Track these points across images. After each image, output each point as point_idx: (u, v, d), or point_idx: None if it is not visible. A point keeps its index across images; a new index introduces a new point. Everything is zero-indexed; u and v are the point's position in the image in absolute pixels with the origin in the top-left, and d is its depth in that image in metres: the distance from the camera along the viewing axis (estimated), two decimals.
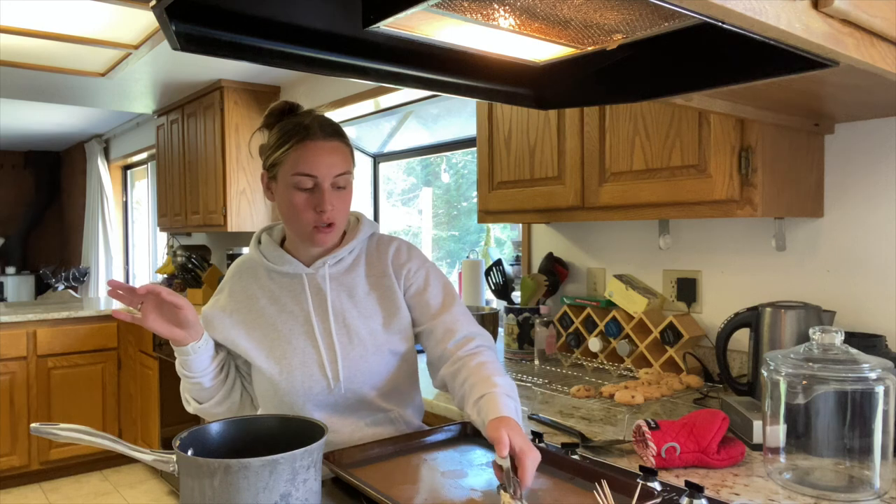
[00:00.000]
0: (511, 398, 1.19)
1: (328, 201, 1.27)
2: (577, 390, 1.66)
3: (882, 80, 1.08)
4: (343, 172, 1.29)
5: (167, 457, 0.95)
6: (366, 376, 1.33)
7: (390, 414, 1.38)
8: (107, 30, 3.13)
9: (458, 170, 3.57)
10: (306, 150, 1.26)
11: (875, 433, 1.11)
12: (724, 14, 0.73)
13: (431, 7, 0.87)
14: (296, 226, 1.31)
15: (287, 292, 1.37)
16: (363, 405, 1.35)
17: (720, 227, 1.97)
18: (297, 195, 1.28)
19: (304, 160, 1.26)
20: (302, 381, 1.30)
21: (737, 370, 1.85)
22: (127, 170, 6.94)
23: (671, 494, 1.06)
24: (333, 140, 1.29)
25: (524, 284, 2.31)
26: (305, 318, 1.34)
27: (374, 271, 1.39)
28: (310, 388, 1.30)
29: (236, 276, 1.43)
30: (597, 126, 1.83)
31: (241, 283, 1.41)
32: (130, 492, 3.90)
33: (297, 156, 1.26)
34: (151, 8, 0.83)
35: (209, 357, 1.32)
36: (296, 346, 1.32)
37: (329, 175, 1.27)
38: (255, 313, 1.36)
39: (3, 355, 3.86)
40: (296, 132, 1.27)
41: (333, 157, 1.28)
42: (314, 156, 1.26)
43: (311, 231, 1.29)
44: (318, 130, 1.27)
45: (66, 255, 8.19)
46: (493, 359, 1.30)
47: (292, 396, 1.31)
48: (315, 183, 1.27)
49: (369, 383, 1.34)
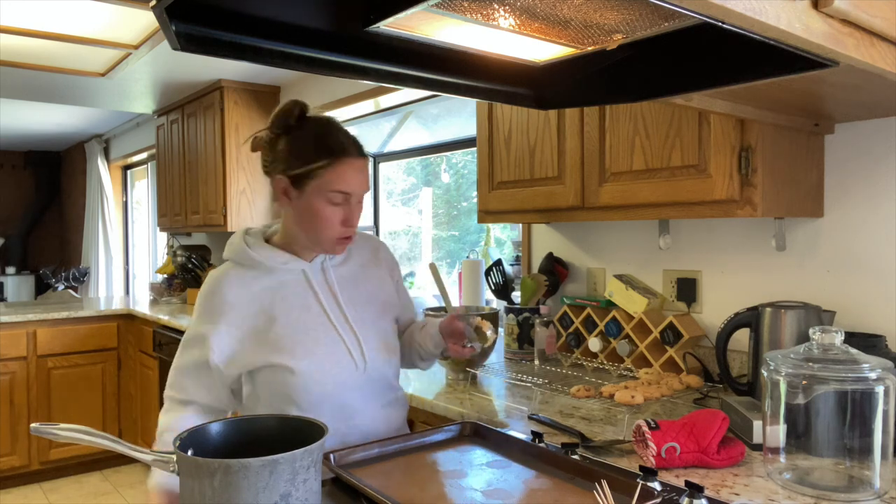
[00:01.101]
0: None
1: (355, 216, 1.37)
2: (577, 390, 1.66)
3: (882, 80, 1.08)
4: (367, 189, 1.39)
5: (167, 457, 0.95)
6: (385, 354, 1.45)
7: (398, 393, 1.50)
8: (107, 30, 3.13)
9: (458, 170, 3.57)
10: (346, 169, 1.33)
11: (875, 433, 1.11)
12: (724, 14, 0.73)
13: (431, 7, 0.87)
14: (317, 235, 1.37)
15: (290, 290, 1.39)
16: (383, 384, 1.45)
17: (720, 227, 1.97)
18: (328, 209, 1.34)
19: (343, 178, 1.32)
20: (331, 369, 1.37)
21: (737, 370, 1.85)
22: (127, 170, 6.94)
23: (671, 494, 1.06)
24: (364, 159, 1.37)
25: (524, 284, 2.31)
26: (319, 309, 1.40)
27: (362, 261, 1.52)
28: (338, 374, 1.37)
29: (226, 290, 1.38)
30: (597, 126, 1.83)
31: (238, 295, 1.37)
32: (130, 492, 3.90)
33: (336, 173, 1.32)
34: (151, 8, 0.83)
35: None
36: (317, 337, 1.38)
37: (361, 193, 1.36)
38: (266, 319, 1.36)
39: (3, 355, 3.86)
40: (333, 150, 1.33)
41: (364, 176, 1.37)
42: (352, 175, 1.33)
43: (334, 241, 1.37)
44: (352, 149, 1.35)
45: (66, 255, 8.19)
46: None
47: (323, 386, 1.36)
48: (346, 199, 1.35)
49: (388, 361, 1.46)
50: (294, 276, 1.41)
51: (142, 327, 4.14)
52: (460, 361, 1.97)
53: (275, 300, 1.38)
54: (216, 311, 1.37)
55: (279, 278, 1.40)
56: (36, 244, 8.37)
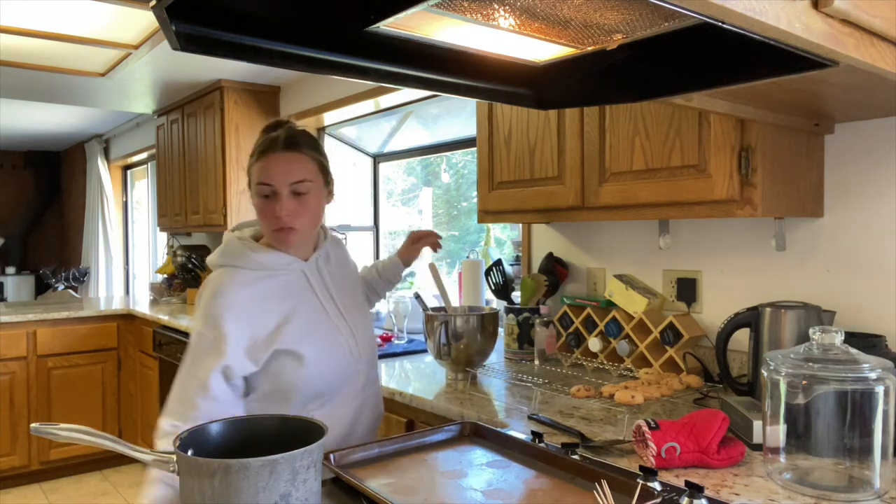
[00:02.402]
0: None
1: (283, 207, 1.40)
2: (577, 390, 1.65)
3: (882, 80, 1.08)
4: (300, 180, 1.41)
5: (167, 457, 0.95)
6: (372, 348, 1.59)
7: (377, 388, 1.62)
8: (107, 30, 3.13)
9: (458, 170, 3.57)
10: (267, 162, 1.41)
11: (875, 433, 1.11)
12: (724, 14, 0.73)
13: (431, 7, 0.87)
14: (264, 229, 1.47)
15: (288, 288, 1.46)
16: (370, 371, 1.57)
17: (720, 227, 1.97)
18: (260, 202, 1.43)
19: (264, 171, 1.41)
20: (333, 356, 1.47)
21: (737, 370, 1.85)
22: (127, 170, 6.94)
23: (671, 494, 1.06)
24: (292, 151, 1.42)
25: (524, 284, 2.31)
26: (319, 305, 1.49)
27: (339, 260, 1.62)
28: (339, 361, 1.47)
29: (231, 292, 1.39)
30: (597, 126, 1.83)
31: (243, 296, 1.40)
32: (130, 492, 3.90)
33: (259, 167, 1.42)
34: (151, 8, 0.83)
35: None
36: (323, 332, 1.47)
37: (284, 183, 1.40)
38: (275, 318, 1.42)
39: (3, 355, 3.86)
40: (262, 146, 1.43)
41: (290, 166, 1.41)
42: (274, 167, 1.41)
43: (273, 233, 1.44)
44: (281, 143, 1.42)
45: (66, 255, 8.19)
46: None
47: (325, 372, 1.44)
48: (273, 191, 1.40)
49: (373, 356, 1.59)
50: (294, 276, 1.48)
51: (142, 327, 4.14)
52: (460, 361, 1.98)
53: (281, 299, 1.44)
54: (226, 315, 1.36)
55: (282, 279, 1.46)
56: (36, 244, 8.37)
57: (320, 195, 1.47)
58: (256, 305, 1.40)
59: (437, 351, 1.98)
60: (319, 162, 1.47)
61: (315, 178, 1.45)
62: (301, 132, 1.47)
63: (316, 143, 1.49)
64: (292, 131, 1.45)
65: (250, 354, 1.38)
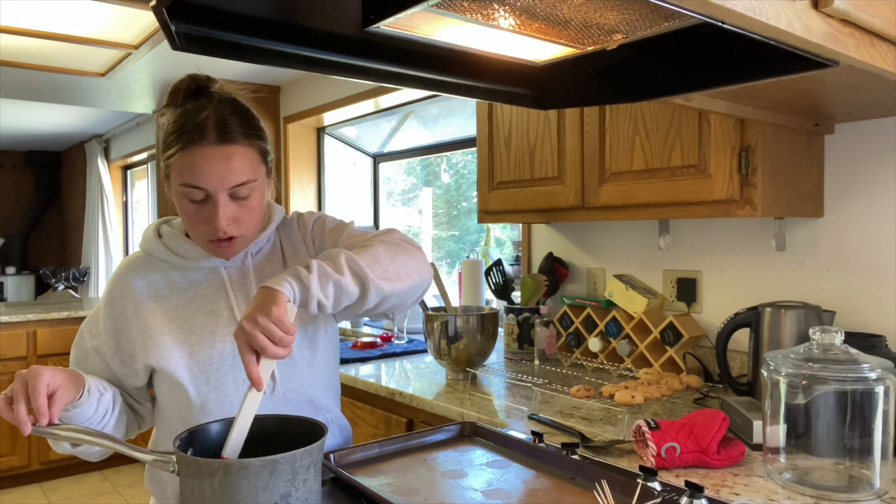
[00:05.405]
0: (310, 269, 1.03)
1: (222, 216, 1.09)
2: (577, 390, 1.65)
3: (882, 80, 1.08)
4: (241, 183, 1.10)
5: (167, 457, 0.95)
6: (303, 371, 1.22)
7: (328, 416, 1.28)
8: (107, 30, 3.13)
9: (458, 170, 3.57)
10: (194, 158, 1.07)
11: (875, 433, 1.11)
12: (724, 14, 0.73)
13: (431, 7, 0.87)
14: (195, 237, 1.17)
15: (200, 290, 1.20)
16: (305, 406, 1.23)
17: (720, 227, 1.97)
18: (187, 206, 1.11)
19: (191, 169, 1.07)
20: (235, 388, 1.16)
21: (737, 370, 1.85)
22: (127, 170, 6.94)
23: (671, 494, 1.06)
24: (229, 145, 1.09)
25: (524, 284, 2.31)
26: (229, 316, 1.19)
27: (290, 253, 1.27)
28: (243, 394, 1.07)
29: (130, 273, 1.21)
30: (597, 126, 1.83)
31: (140, 281, 1.20)
32: (130, 492, 3.90)
33: (184, 163, 1.08)
34: (151, 8, 0.83)
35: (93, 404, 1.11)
36: (222, 349, 1.17)
37: (222, 187, 1.08)
38: (163, 319, 1.18)
39: (3, 355, 3.86)
40: (185, 132, 1.08)
41: (228, 166, 1.08)
42: (203, 164, 1.07)
43: (207, 244, 1.15)
44: (211, 132, 1.08)
45: (66, 255, 8.18)
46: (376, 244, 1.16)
47: (223, 409, 1.16)
48: (207, 195, 1.09)
49: (309, 375, 1.23)
50: (206, 276, 1.22)
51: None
52: (460, 361, 1.98)
53: (179, 300, 1.19)
54: (115, 300, 1.20)
55: (188, 276, 1.21)
56: (36, 244, 8.37)
57: (264, 188, 1.17)
58: (148, 298, 1.18)
59: (437, 351, 1.99)
60: (260, 148, 1.14)
61: (257, 172, 1.13)
62: (234, 111, 1.12)
63: (252, 121, 1.15)
64: (223, 111, 1.11)
65: (124, 345, 1.18)
